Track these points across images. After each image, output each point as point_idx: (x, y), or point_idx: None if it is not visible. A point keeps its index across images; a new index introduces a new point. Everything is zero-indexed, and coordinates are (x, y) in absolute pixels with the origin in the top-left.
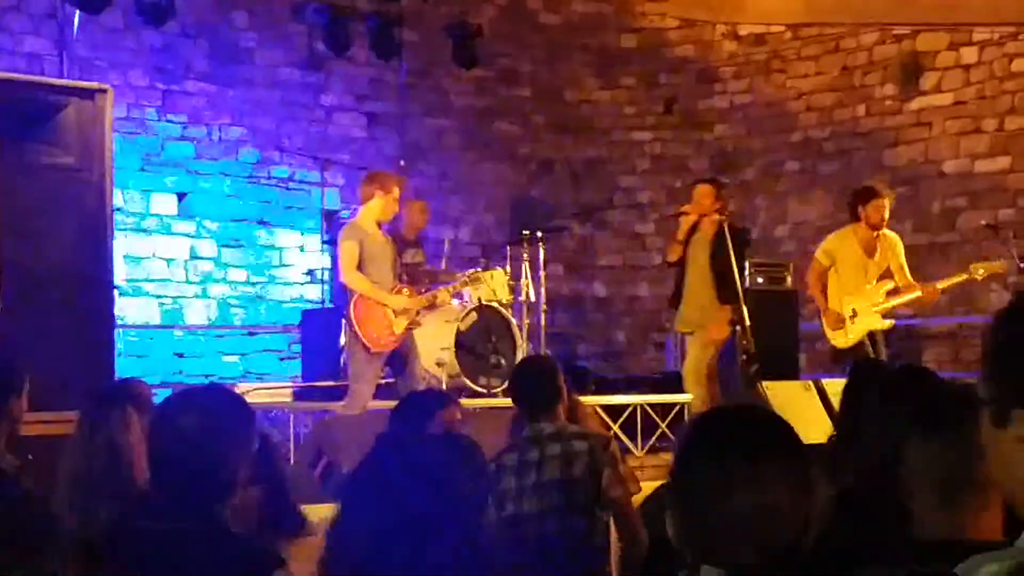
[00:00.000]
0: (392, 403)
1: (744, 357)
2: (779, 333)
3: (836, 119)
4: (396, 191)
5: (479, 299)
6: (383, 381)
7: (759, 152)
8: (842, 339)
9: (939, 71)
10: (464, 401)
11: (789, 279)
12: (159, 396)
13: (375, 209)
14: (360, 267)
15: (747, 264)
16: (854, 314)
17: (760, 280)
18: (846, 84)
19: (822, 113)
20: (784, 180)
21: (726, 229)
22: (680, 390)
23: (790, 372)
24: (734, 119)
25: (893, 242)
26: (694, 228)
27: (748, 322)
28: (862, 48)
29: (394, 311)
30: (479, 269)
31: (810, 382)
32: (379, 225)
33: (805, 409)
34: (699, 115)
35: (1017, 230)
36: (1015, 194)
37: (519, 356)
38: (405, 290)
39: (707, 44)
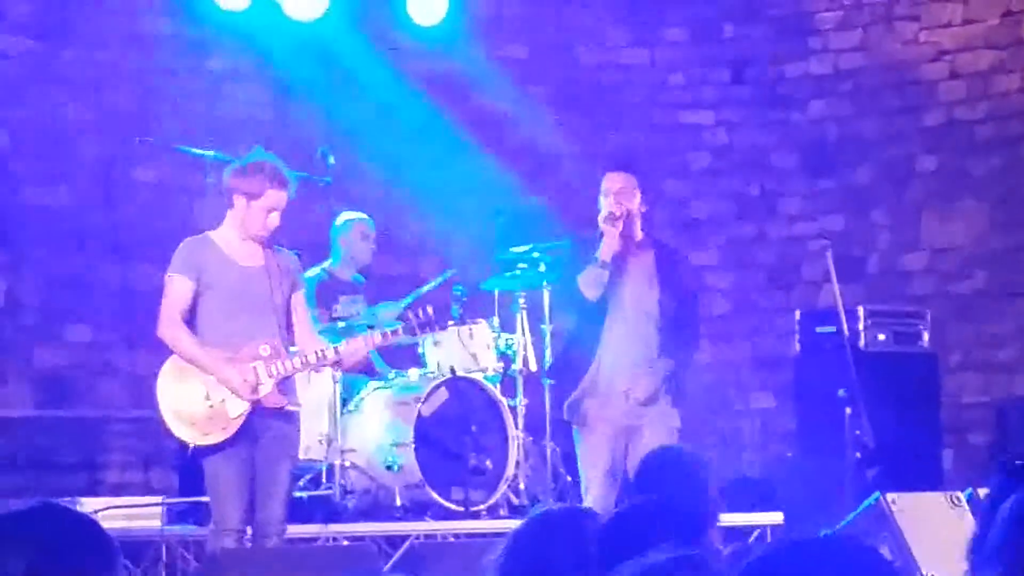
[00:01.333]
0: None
1: (857, 455)
2: (911, 417)
3: (995, 91)
4: (274, 195)
5: (451, 368)
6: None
7: (877, 142)
8: None
9: None
10: (430, 525)
11: (926, 336)
12: None
13: (236, 219)
14: (193, 312)
15: (860, 313)
16: None
17: (881, 337)
18: (1011, 38)
19: (974, 82)
20: (916, 185)
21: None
22: (760, 505)
23: (929, 477)
24: (838, 92)
25: None
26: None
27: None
28: None
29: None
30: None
31: (959, 494)
32: (258, 240)
33: (950, 535)
34: (785, 86)
35: None
36: None
37: (513, 454)
38: (264, 347)
39: None
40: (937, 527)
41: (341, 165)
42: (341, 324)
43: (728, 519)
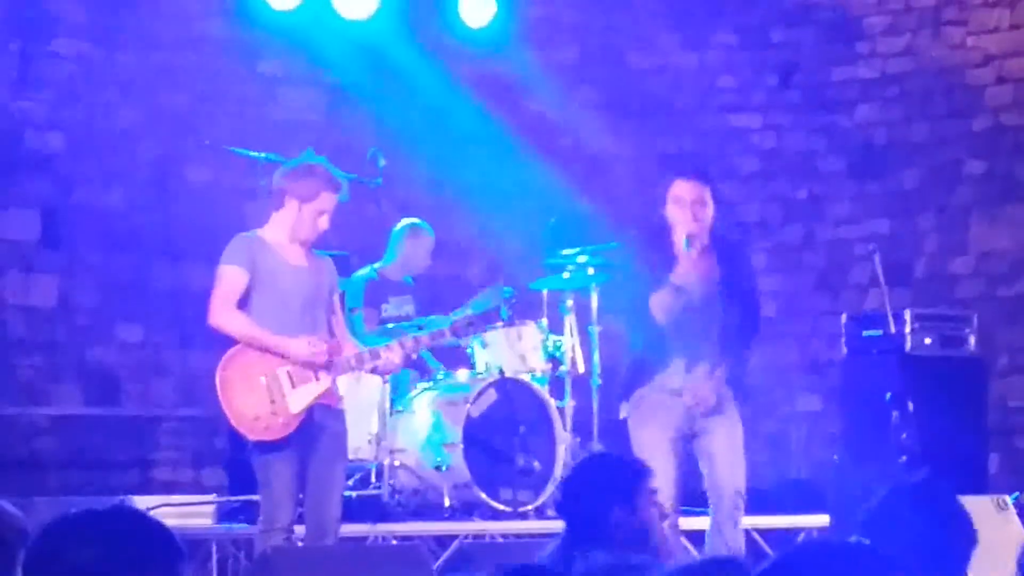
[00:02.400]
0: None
1: (903, 458)
2: (958, 421)
3: None
4: (326, 198)
5: (499, 369)
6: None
7: (924, 146)
8: None
9: None
10: (478, 525)
11: (973, 340)
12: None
13: (285, 221)
14: (242, 307)
15: (907, 317)
16: None
17: (927, 341)
18: None
19: (1021, 87)
20: (963, 189)
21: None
22: (807, 508)
23: (975, 481)
24: (885, 96)
25: None
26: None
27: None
28: None
29: (290, 375)
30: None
31: (1006, 498)
32: (305, 243)
33: (996, 539)
34: (832, 90)
35: None
36: None
37: (560, 455)
38: (314, 343)
39: None
40: (983, 531)
41: (391, 167)
42: (390, 325)
43: (774, 521)
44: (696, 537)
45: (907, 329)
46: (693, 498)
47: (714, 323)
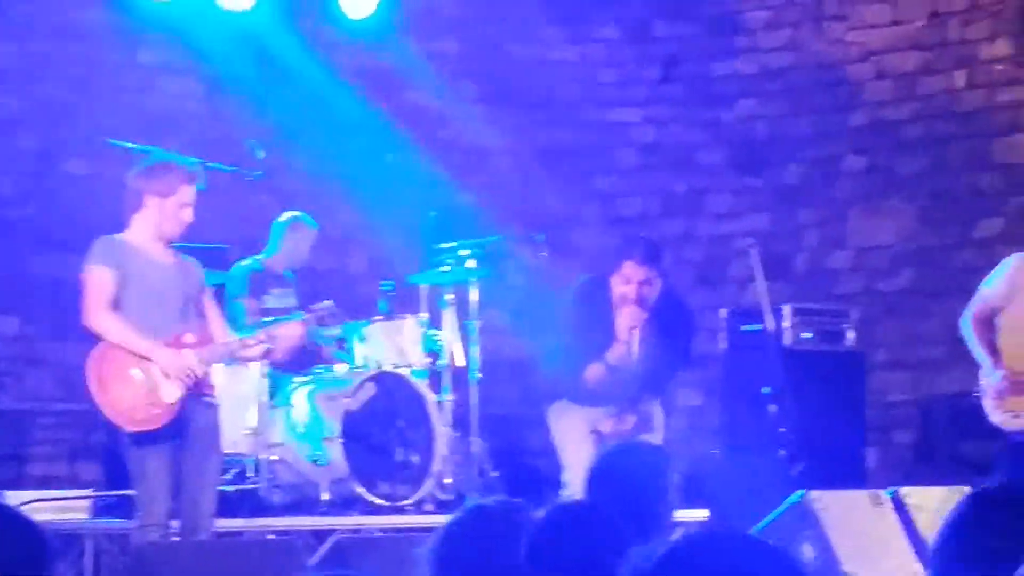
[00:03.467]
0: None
1: (782, 452)
2: (836, 415)
3: (922, 92)
4: (185, 191)
5: (378, 363)
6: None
7: (804, 141)
8: (1014, 420)
9: None
10: (356, 519)
11: (851, 334)
12: None
13: (148, 220)
14: (114, 307)
15: (786, 312)
16: None
17: (806, 335)
18: (937, 39)
19: (900, 82)
20: (844, 184)
21: None
22: (686, 502)
23: (853, 475)
24: (766, 91)
25: None
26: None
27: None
28: None
29: (162, 368)
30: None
31: (882, 492)
32: (171, 239)
33: (874, 534)
34: (713, 85)
35: None
36: None
37: (439, 449)
38: (189, 335)
39: None
40: (860, 525)
41: (272, 158)
42: (270, 318)
43: None
44: None
45: (786, 324)
46: None
47: (644, 376)
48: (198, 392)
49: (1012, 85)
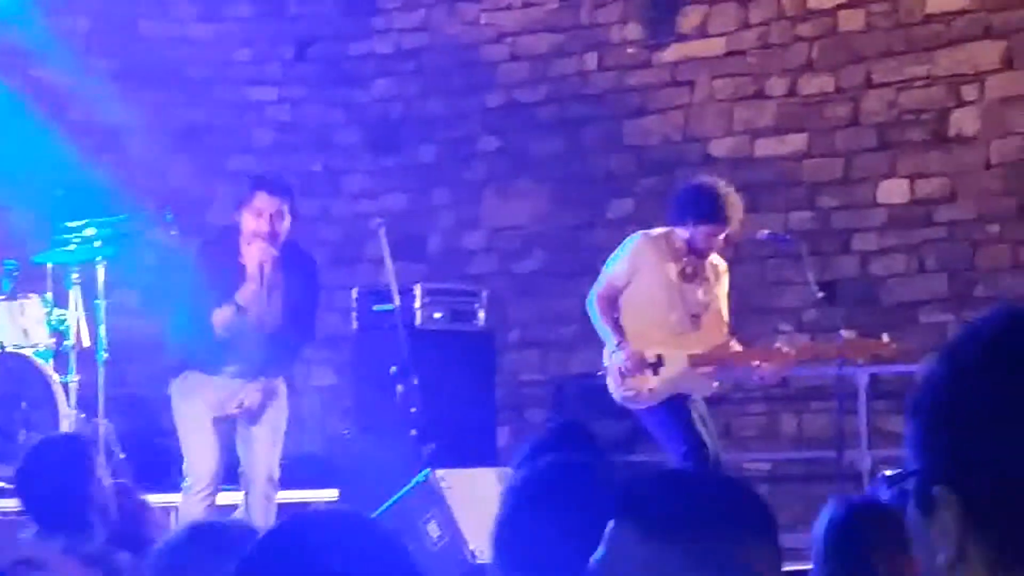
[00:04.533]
0: None
1: (413, 432)
2: (468, 395)
3: (555, 74)
4: None
5: (0, 344)
6: None
7: (440, 122)
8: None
9: (704, 5)
10: None
11: (483, 314)
12: None
13: None
14: None
15: (417, 291)
16: (659, 361)
17: (438, 315)
18: (570, 22)
19: (534, 64)
20: (478, 164)
21: None
22: (319, 482)
23: (484, 454)
24: (402, 71)
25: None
26: None
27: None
28: None
29: None
30: None
31: (509, 470)
32: None
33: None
34: (349, 64)
35: (816, 241)
36: (813, 189)
37: (63, 431)
38: None
39: None
40: (485, 502)
41: None
42: None
43: (285, 496)
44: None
45: (417, 304)
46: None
47: (270, 338)
48: None
49: (642, 68)
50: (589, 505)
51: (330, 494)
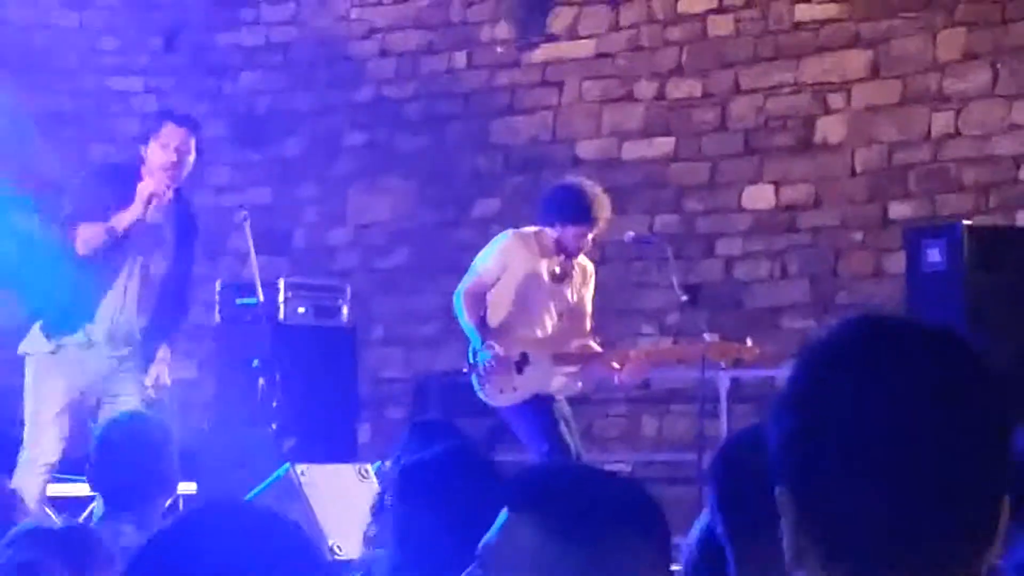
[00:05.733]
0: None
1: (273, 426)
2: (329, 390)
3: (424, 71)
4: None
5: None
6: None
7: (307, 116)
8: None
9: (575, 6)
10: None
11: (346, 310)
12: None
13: None
14: None
15: (280, 285)
16: (524, 360)
17: (301, 310)
18: (440, 19)
19: (403, 61)
20: (344, 160)
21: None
22: (184, 475)
23: (345, 450)
24: (270, 64)
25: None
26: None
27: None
28: None
29: None
30: None
31: (368, 466)
32: None
33: (355, 506)
34: (216, 56)
35: (681, 245)
36: (680, 192)
37: None
38: None
39: None
40: (344, 498)
41: None
42: None
43: None
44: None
45: (281, 298)
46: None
47: (153, 286)
48: None
49: (511, 68)
50: (474, 496)
51: (189, 487)
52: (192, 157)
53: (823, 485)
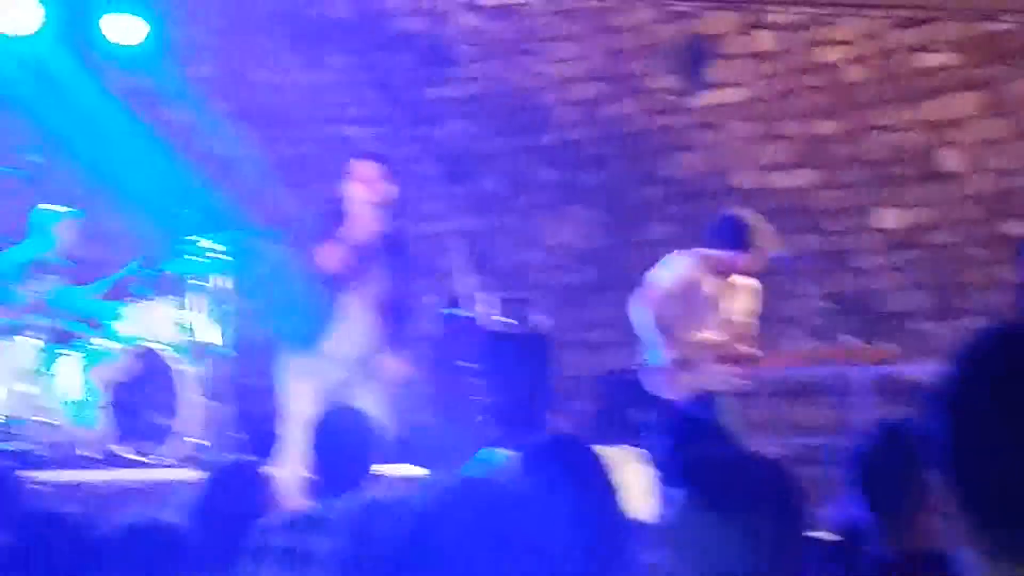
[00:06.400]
0: None
1: (479, 418)
2: (525, 388)
3: (600, 117)
4: None
5: (139, 339)
6: None
7: (501, 156)
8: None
9: (729, 59)
10: (112, 474)
11: (539, 319)
12: None
13: None
14: None
15: (486, 300)
16: (694, 360)
17: (503, 319)
18: (613, 72)
19: (583, 108)
20: (536, 192)
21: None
22: None
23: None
24: (471, 113)
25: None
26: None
27: None
28: (634, 27)
29: None
30: None
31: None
32: None
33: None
34: (426, 107)
35: (821, 261)
36: (820, 216)
37: (192, 416)
38: None
39: (440, 16)
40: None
41: (48, 163)
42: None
43: None
44: None
45: (485, 309)
46: None
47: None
48: None
49: (675, 112)
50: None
51: (413, 470)
52: (393, 188)
53: (979, 468)
